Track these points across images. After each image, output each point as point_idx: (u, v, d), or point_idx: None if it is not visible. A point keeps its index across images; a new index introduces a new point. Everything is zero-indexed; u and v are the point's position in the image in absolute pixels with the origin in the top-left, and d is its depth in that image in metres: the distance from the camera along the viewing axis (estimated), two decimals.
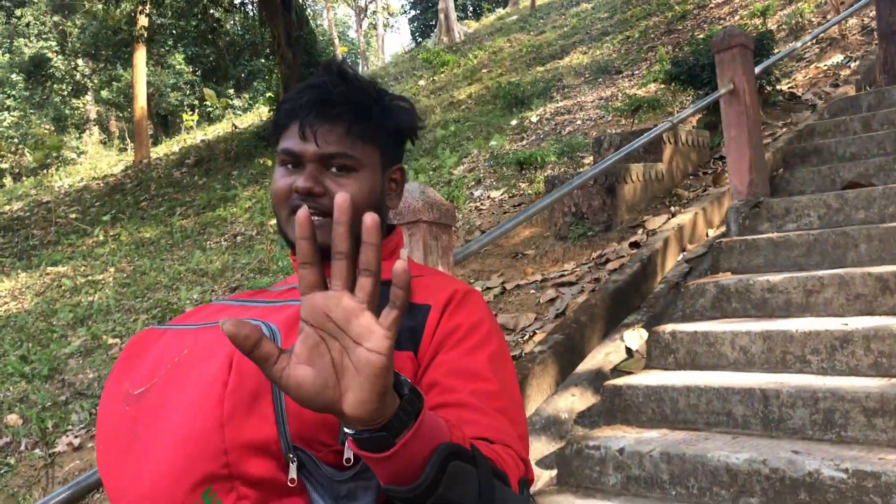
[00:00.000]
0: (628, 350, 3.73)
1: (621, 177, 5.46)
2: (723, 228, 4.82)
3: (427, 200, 2.35)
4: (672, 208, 5.50)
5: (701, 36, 10.48)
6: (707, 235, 5.00)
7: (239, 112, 25.77)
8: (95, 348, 7.87)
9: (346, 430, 0.71)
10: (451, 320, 1.04)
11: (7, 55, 32.07)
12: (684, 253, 4.70)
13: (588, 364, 3.64)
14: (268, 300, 1.06)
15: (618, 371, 3.58)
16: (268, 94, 19.65)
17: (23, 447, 5.21)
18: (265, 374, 0.67)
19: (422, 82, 19.24)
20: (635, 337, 3.73)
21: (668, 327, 3.30)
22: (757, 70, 4.49)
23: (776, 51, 6.97)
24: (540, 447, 3.14)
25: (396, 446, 0.69)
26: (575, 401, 3.41)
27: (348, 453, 0.89)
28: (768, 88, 6.96)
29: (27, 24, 29.63)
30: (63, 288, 10.90)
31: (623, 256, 4.88)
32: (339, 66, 1.13)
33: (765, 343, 2.95)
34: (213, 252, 10.80)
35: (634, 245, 4.97)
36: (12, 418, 5.71)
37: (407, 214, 2.34)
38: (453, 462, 0.73)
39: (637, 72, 11.99)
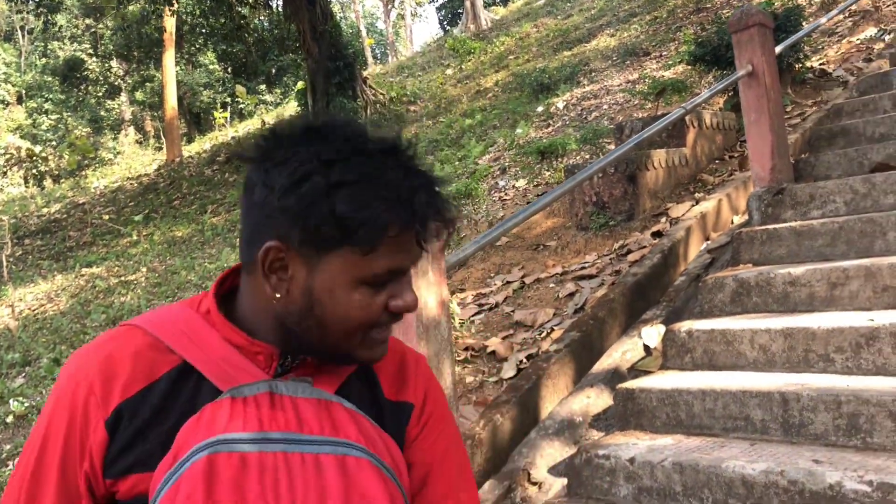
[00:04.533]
0: (647, 348, 3.58)
1: (643, 164, 5.29)
2: (747, 216, 4.63)
3: None
4: (696, 195, 5.31)
5: (727, 14, 10.15)
6: (732, 222, 4.81)
7: (270, 107, 25.88)
8: None
9: None
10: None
11: (43, 59, 32.65)
12: (707, 243, 4.52)
13: (604, 363, 3.51)
14: (301, 436, 0.87)
15: (635, 370, 3.44)
16: (296, 89, 19.66)
17: None
18: None
19: (449, 71, 19.09)
20: (654, 334, 3.58)
21: (685, 325, 3.15)
22: (780, 48, 4.29)
23: (805, 26, 6.70)
24: (553, 453, 3.03)
25: None
26: (590, 403, 3.28)
27: None
28: (797, 66, 6.70)
29: (60, 28, 30.09)
30: (97, 289, 11.04)
31: (645, 247, 4.71)
32: (404, 143, 0.92)
33: (786, 341, 2.79)
34: None
35: (657, 234, 4.80)
36: None
37: None
38: None
39: (665, 53, 11.71)
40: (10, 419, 6.19)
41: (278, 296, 0.89)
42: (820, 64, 7.32)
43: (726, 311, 3.30)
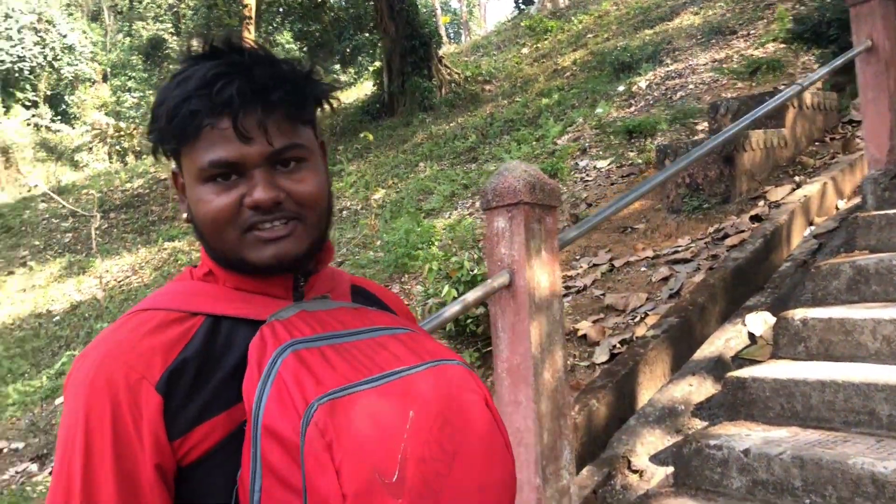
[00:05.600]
0: (751, 336, 3.44)
1: (740, 144, 5.08)
2: (856, 200, 4.40)
3: (529, 180, 2.17)
4: (796, 178, 5.08)
5: None
6: (837, 208, 4.58)
7: (345, 87, 26.04)
8: None
9: None
10: None
11: (128, 38, 33.61)
12: (812, 228, 4.31)
13: (706, 351, 3.38)
14: (352, 331, 0.91)
15: (739, 359, 3.30)
16: (371, 68, 19.72)
17: None
18: None
19: (525, 50, 18.84)
20: (759, 321, 3.43)
21: (799, 312, 3.00)
22: None
23: None
24: (653, 441, 2.93)
25: None
26: (692, 391, 3.16)
27: None
28: None
29: (144, 7, 30.89)
30: (178, 262, 11.34)
31: (743, 231, 4.53)
32: (236, 41, 0.94)
33: None
34: None
35: (755, 218, 4.61)
36: None
37: (506, 196, 2.16)
38: None
39: (753, 31, 11.27)
40: None
41: (185, 216, 0.95)
42: None
43: (842, 300, 3.13)
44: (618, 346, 3.83)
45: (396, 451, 0.79)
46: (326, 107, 0.99)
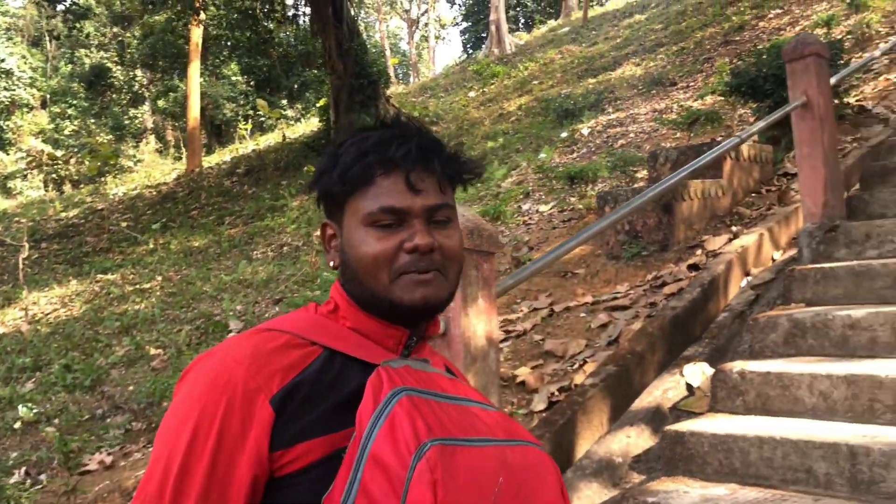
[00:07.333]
0: (689, 386, 3.40)
1: (679, 193, 5.13)
2: (791, 252, 4.46)
3: (466, 225, 2.09)
4: (734, 228, 5.14)
5: (761, 46, 10.03)
6: (773, 259, 4.63)
7: (292, 122, 25.91)
8: (138, 359, 7.81)
9: None
10: None
11: (69, 66, 32.92)
12: (749, 278, 4.35)
13: (644, 401, 3.33)
14: (451, 396, 0.99)
15: (678, 410, 3.26)
16: (318, 105, 19.65)
17: (55, 463, 5.10)
18: None
19: (472, 94, 19.04)
20: (697, 372, 3.40)
21: (737, 365, 2.97)
22: (832, 81, 4.13)
23: (842, 61, 6.55)
24: (591, 496, 2.85)
25: None
26: (630, 443, 3.10)
27: None
28: (836, 101, 6.54)
29: (87, 35, 30.35)
30: (111, 296, 10.93)
31: (681, 279, 4.54)
32: (403, 118, 1.11)
33: (849, 388, 2.61)
34: (258, 262, 10.73)
35: (693, 267, 4.63)
36: (50, 431, 5.61)
37: None
38: None
39: (692, 84, 11.59)
40: (17, 425, 6.05)
41: (332, 264, 1.08)
42: (857, 100, 7.16)
43: (779, 353, 3.12)
44: (556, 393, 3.76)
45: None
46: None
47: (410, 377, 0.95)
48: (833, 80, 4.12)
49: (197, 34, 20.23)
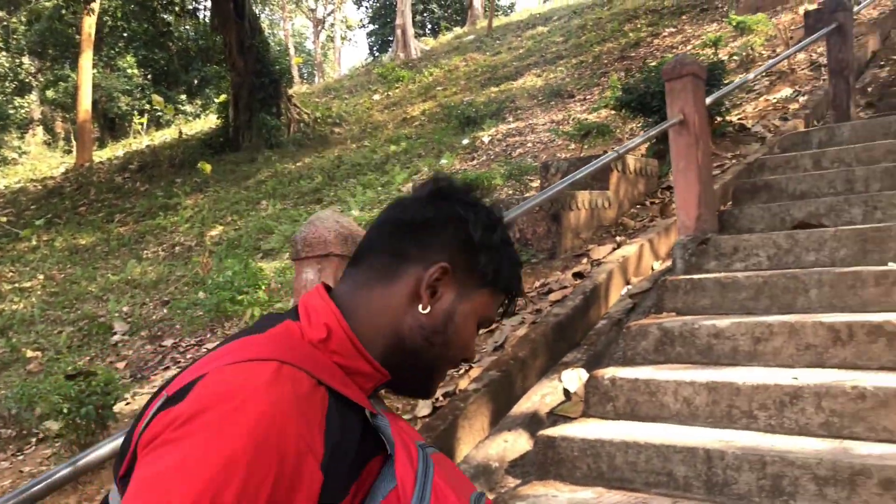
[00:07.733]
0: (566, 392, 3.50)
1: (567, 203, 5.26)
2: (668, 263, 4.65)
3: (340, 231, 2.08)
4: (618, 238, 5.32)
5: (653, 63, 10.44)
6: (653, 268, 4.82)
7: (190, 118, 25.16)
8: (13, 362, 7.41)
9: None
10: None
11: None
12: (629, 287, 4.50)
13: (523, 406, 3.40)
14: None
15: (554, 415, 3.34)
16: (217, 101, 19.15)
17: None
18: None
19: (376, 97, 19.00)
20: (574, 378, 3.50)
21: (609, 372, 3.07)
22: (708, 100, 4.34)
23: (727, 81, 6.89)
24: None
25: None
26: (507, 447, 3.16)
27: None
28: (718, 119, 6.88)
29: None
30: None
31: (566, 287, 4.66)
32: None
33: (710, 395, 2.74)
34: (148, 262, 10.36)
35: (578, 275, 4.76)
36: None
37: (317, 246, 2.07)
38: None
39: (589, 97, 11.94)
40: None
41: (424, 309, 1.02)
42: (739, 119, 7.54)
43: (650, 360, 3.25)
44: (441, 398, 3.79)
45: None
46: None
47: (392, 420, 0.99)
48: (708, 100, 4.33)
49: (89, 23, 19.37)
